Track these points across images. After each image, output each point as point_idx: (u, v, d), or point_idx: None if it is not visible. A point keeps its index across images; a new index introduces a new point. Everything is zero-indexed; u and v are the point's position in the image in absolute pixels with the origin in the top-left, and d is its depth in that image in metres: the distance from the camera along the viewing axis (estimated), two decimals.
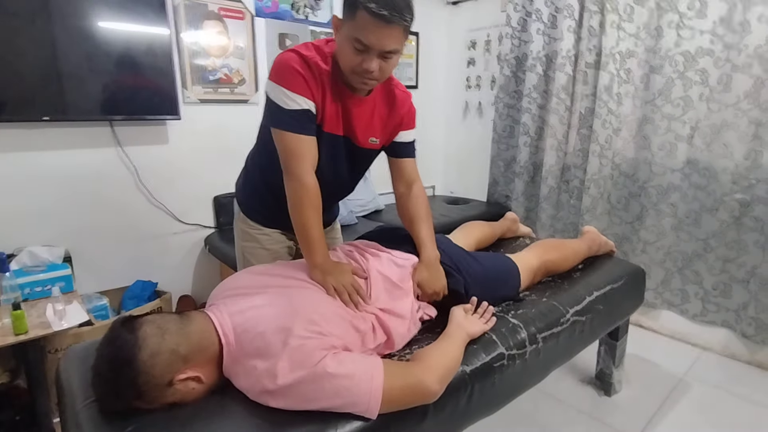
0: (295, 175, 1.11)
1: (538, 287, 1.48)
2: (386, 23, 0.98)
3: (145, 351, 0.83)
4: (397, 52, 1.05)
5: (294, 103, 1.08)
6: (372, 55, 1.02)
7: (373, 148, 1.27)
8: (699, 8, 1.96)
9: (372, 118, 1.22)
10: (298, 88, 1.08)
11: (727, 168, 1.97)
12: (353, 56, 1.03)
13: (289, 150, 1.11)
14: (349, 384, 0.85)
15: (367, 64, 1.03)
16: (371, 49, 1.01)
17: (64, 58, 1.80)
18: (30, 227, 1.87)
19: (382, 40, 1.00)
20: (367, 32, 0.99)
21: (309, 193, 1.12)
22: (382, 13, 0.96)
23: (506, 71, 2.72)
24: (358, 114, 1.19)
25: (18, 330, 1.37)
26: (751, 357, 2.04)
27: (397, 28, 1.00)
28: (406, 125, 1.29)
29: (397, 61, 1.09)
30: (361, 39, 1.00)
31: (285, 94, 1.08)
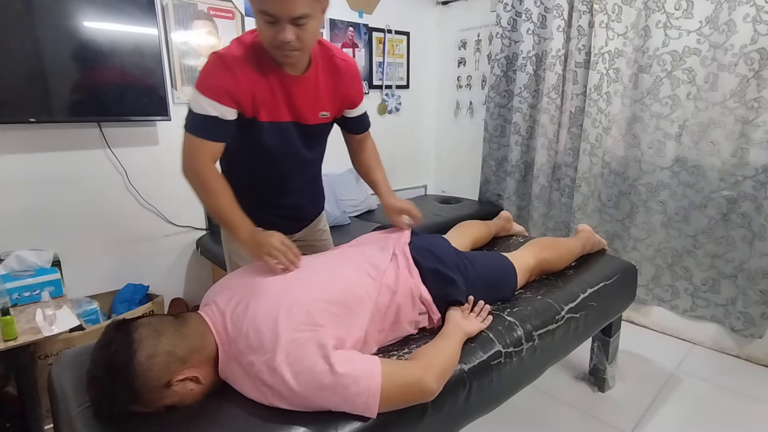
0: (192, 170, 1.12)
1: (533, 285, 1.49)
2: None
3: (142, 353, 0.82)
4: (308, 17, 1.01)
5: (201, 109, 1.08)
6: (283, 25, 1.00)
7: (324, 122, 1.27)
8: (686, 8, 1.99)
9: (317, 93, 1.21)
10: (211, 93, 1.07)
11: (715, 165, 2.00)
12: (267, 30, 1.02)
13: (188, 149, 1.12)
14: (348, 383, 0.85)
15: (282, 35, 1.01)
16: (280, 18, 0.99)
17: (51, 58, 1.76)
18: (17, 231, 1.84)
19: (287, 7, 0.98)
20: (269, 2, 0.98)
21: (209, 179, 1.13)
22: None
23: (497, 71, 2.73)
24: (301, 93, 1.18)
25: (7, 336, 1.34)
26: (739, 351, 2.07)
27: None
28: (353, 96, 1.30)
29: (316, 26, 1.06)
30: (266, 10, 0.99)
31: (197, 98, 1.08)
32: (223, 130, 1.12)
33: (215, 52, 1.10)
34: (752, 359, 2.04)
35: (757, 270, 1.92)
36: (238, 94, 1.09)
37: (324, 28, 2.65)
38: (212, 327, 0.94)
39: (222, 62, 1.08)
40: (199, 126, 1.09)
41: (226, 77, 1.07)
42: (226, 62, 1.08)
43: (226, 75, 1.07)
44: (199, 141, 1.10)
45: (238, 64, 1.08)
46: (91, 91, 1.89)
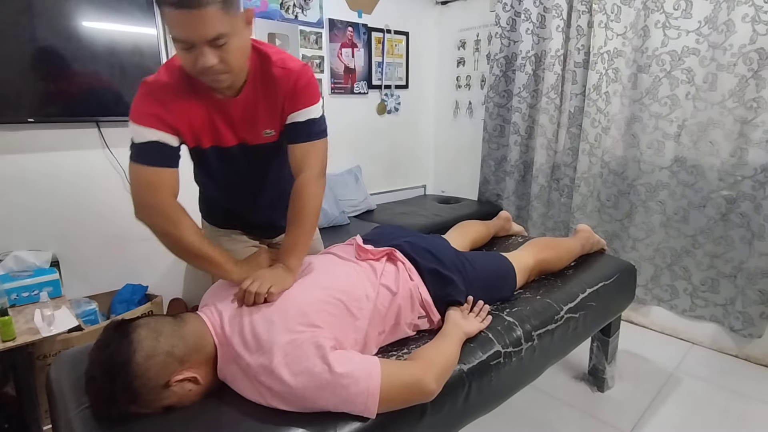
0: (152, 207, 1.02)
1: (532, 285, 1.49)
2: (188, 9, 0.86)
3: (141, 353, 0.82)
4: (227, 35, 0.91)
5: (142, 137, 1.02)
6: (200, 49, 0.91)
7: (269, 140, 1.15)
8: (685, 8, 1.99)
9: (255, 112, 1.10)
10: (145, 120, 1.01)
11: (714, 165, 2.00)
12: (186, 57, 0.94)
13: (138, 183, 1.03)
14: (347, 383, 0.85)
15: (202, 60, 0.92)
16: (195, 43, 0.90)
17: (50, 58, 1.76)
18: (16, 231, 1.83)
19: (197, 30, 0.88)
20: (177, 27, 0.89)
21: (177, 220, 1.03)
22: (173, 3, 0.86)
23: (496, 71, 2.73)
24: (240, 115, 1.10)
25: (5, 336, 1.34)
26: (738, 350, 2.08)
27: (207, 10, 0.86)
28: (292, 106, 1.10)
29: (241, 42, 0.97)
30: (176, 36, 0.90)
31: (133, 128, 1.03)
32: (170, 156, 1.04)
33: (144, 81, 1.02)
34: (751, 359, 2.04)
35: (756, 270, 1.93)
36: (172, 122, 1.03)
37: (323, 28, 2.66)
38: (211, 328, 0.94)
39: (150, 92, 1.01)
40: (144, 154, 1.02)
41: (155, 107, 1.01)
42: (153, 92, 1.01)
43: (155, 105, 1.01)
44: (150, 170, 1.02)
45: (168, 92, 1.01)
46: (89, 91, 1.89)
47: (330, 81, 2.74)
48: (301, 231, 1.11)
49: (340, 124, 2.66)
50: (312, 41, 2.62)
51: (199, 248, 1.05)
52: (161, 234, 1.05)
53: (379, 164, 3.11)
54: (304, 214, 1.11)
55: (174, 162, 1.06)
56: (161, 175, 1.03)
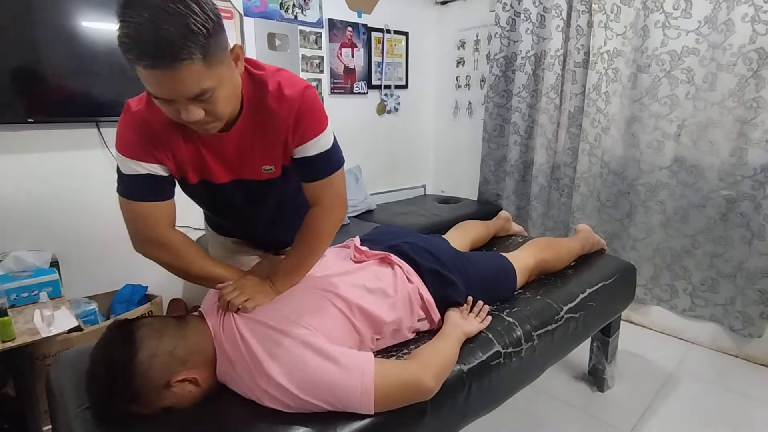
0: (150, 240, 1.00)
1: (532, 285, 1.49)
2: (165, 69, 0.73)
3: (143, 352, 0.82)
4: (210, 90, 0.79)
5: (131, 170, 0.94)
6: (184, 105, 0.79)
7: (270, 177, 1.03)
8: (684, 8, 1.99)
9: (252, 147, 0.98)
10: (132, 153, 0.93)
11: (714, 165, 2.00)
12: (168, 110, 0.82)
13: (133, 218, 0.98)
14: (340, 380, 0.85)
15: (186, 115, 0.80)
16: (175, 100, 0.79)
17: (49, 58, 1.76)
18: (15, 231, 1.83)
19: (177, 89, 0.76)
20: (151, 85, 0.77)
21: (177, 248, 1.01)
22: (145, 63, 0.73)
23: (496, 71, 2.73)
24: (232, 151, 0.98)
25: (5, 337, 1.34)
26: (738, 350, 2.08)
27: (185, 67, 0.73)
28: (297, 139, 0.97)
29: (228, 91, 0.84)
30: (152, 93, 0.79)
31: (121, 160, 0.95)
32: (163, 188, 0.98)
33: (128, 106, 0.94)
34: (751, 359, 2.04)
35: (756, 269, 1.93)
36: (156, 154, 0.94)
37: (323, 28, 2.65)
38: (212, 329, 0.94)
39: (133, 122, 0.92)
40: (135, 188, 0.95)
41: (140, 138, 0.92)
42: (136, 123, 0.92)
43: (139, 136, 0.92)
44: (143, 205, 0.96)
45: (151, 126, 0.91)
46: (89, 92, 1.89)
47: (329, 81, 2.74)
48: (304, 260, 1.07)
49: (339, 124, 2.64)
50: (311, 41, 2.62)
51: (208, 272, 1.04)
52: (166, 266, 1.04)
53: (379, 164, 3.11)
54: (310, 247, 1.07)
55: (168, 193, 0.99)
56: (157, 210, 0.98)
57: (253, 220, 1.18)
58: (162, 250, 1.01)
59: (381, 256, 1.23)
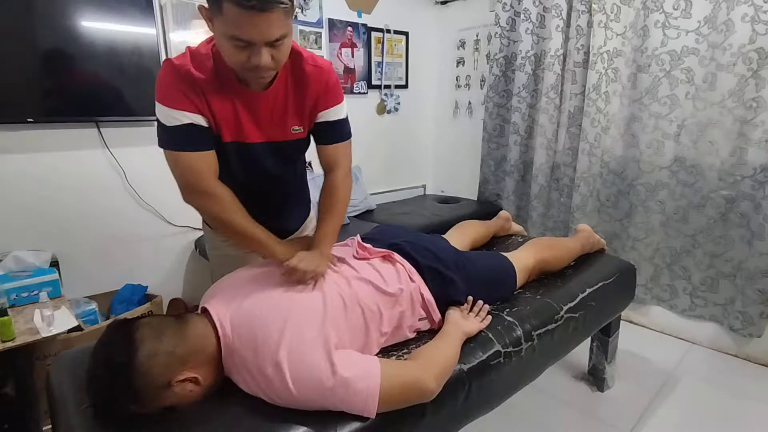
0: (199, 192, 1.04)
1: (532, 285, 1.49)
2: (262, 12, 0.84)
3: (143, 352, 0.82)
4: (285, 36, 0.91)
5: (174, 120, 0.99)
6: (258, 49, 0.89)
7: (298, 137, 1.15)
8: (684, 8, 1.99)
9: (285, 107, 1.09)
10: (176, 103, 0.98)
11: (714, 165, 2.01)
12: (237, 54, 0.91)
13: (181, 169, 1.02)
14: (347, 383, 0.85)
15: (256, 59, 0.90)
16: (255, 43, 0.88)
17: (49, 58, 1.76)
18: (15, 231, 1.83)
19: (263, 32, 0.87)
20: (242, 27, 0.86)
21: (224, 201, 1.05)
22: (252, 4, 0.83)
23: (496, 70, 2.73)
24: (267, 110, 1.07)
25: (5, 336, 1.34)
26: (738, 350, 2.08)
27: (277, 13, 0.86)
28: (324, 103, 1.12)
29: (290, 42, 0.97)
30: (239, 35, 0.87)
31: (163, 111, 0.99)
32: (207, 137, 1.03)
33: (169, 60, 1.00)
34: (751, 358, 2.04)
35: (756, 269, 1.93)
36: (199, 106, 1.00)
37: (323, 28, 2.65)
38: (217, 321, 0.94)
39: (177, 73, 0.98)
40: (180, 139, 1.00)
41: (185, 88, 0.98)
42: (181, 74, 0.98)
43: (184, 86, 0.98)
44: (190, 155, 1.01)
45: (195, 79, 0.98)
46: (89, 91, 1.89)
47: None
48: (334, 222, 1.18)
49: None
50: (311, 41, 2.62)
51: (248, 229, 1.08)
52: (212, 217, 1.08)
53: (379, 164, 3.11)
54: (337, 209, 1.18)
55: (211, 143, 1.04)
56: (203, 159, 1.03)
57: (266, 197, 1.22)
58: (210, 200, 1.05)
59: (384, 253, 1.23)
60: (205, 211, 1.08)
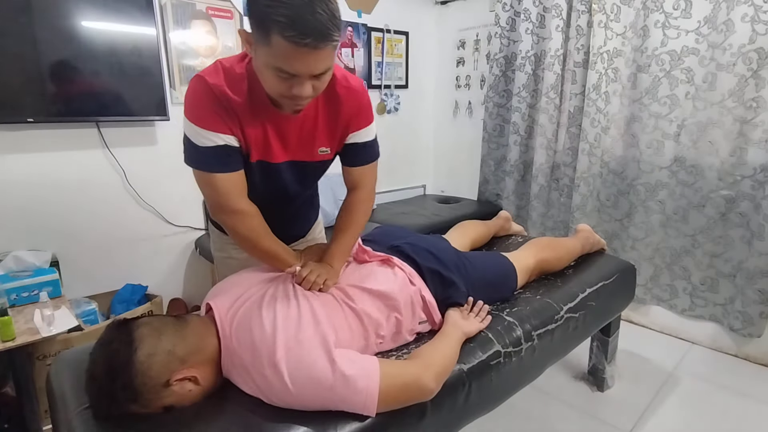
0: (230, 211, 1.05)
1: (532, 285, 1.49)
2: (314, 49, 0.84)
3: (142, 352, 0.82)
4: (329, 69, 0.91)
5: (208, 141, 0.98)
6: (302, 81, 0.89)
7: (324, 158, 1.15)
8: (684, 8, 1.99)
9: (315, 129, 1.09)
10: (210, 124, 0.97)
11: (713, 165, 2.01)
12: (279, 84, 0.89)
13: (213, 190, 1.02)
14: (346, 382, 0.85)
15: (298, 90, 0.89)
16: (300, 75, 0.87)
17: (49, 58, 1.76)
18: (15, 231, 1.83)
19: (310, 67, 0.87)
20: (290, 61, 0.85)
21: (250, 219, 1.07)
22: (306, 42, 0.81)
23: (496, 70, 2.73)
24: (297, 132, 1.07)
25: (5, 336, 1.34)
26: (738, 350, 2.08)
27: (326, 49, 0.85)
28: (356, 125, 1.13)
29: (332, 72, 0.95)
30: (285, 68, 0.86)
31: (196, 131, 0.98)
32: (237, 157, 1.03)
33: (201, 78, 0.97)
34: (751, 358, 2.04)
35: (756, 269, 1.93)
36: (233, 128, 1.00)
37: None
38: (218, 320, 0.94)
39: (211, 93, 0.96)
40: (212, 160, 0.99)
41: (218, 108, 0.97)
42: (215, 94, 0.96)
43: (218, 106, 0.97)
44: (223, 177, 1.01)
45: (228, 100, 0.97)
46: (89, 91, 1.89)
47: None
48: (349, 240, 1.19)
49: None
50: None
51: (272, 248, 1.11)
52: (239, 237, 1.10)
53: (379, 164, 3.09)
54: (353, 228, 1.19)
55: (241, 162, 1.04)
56: (233, 179, 1.03)
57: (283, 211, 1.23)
58: (238, 219, 1.06)
59: (383, 258, 1.23)
60: (232, 229, 1.09)
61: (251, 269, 1.15)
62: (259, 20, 0.84)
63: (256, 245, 1.10)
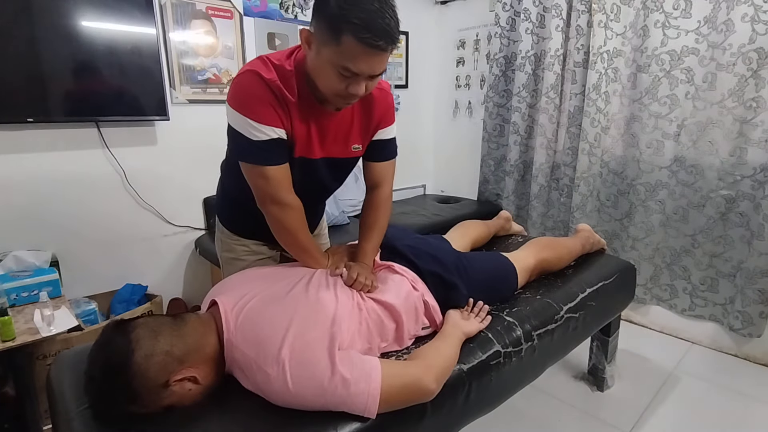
0: (279, 203, 1.09)
1: (532, 285, 1.49)
2: (381, 51, 0.91)
3: (139, 353, 0.82)
4: (385, 71, 0.98)
5: (262, 134, 1.01)
6: (361, 80, 0.95)
7: (356, 155, 1.21)
8: (684, 8, 1.99)
9: (351, 127, 1.15)
10: (265, 118, 1.00)
11: (713, 165, 2.01)
12: (338, 82, 0.95)
13: (267, 182, 1.06)
14: (347, 384, 0.85)
15: (354, 89, 0.96)
16: (361, 74, 0.94)
17: (48, 58, 1.76)
18: (15, 231, 1.83)
19: (374, 67, 0.94)
20: (358, 61, 0.91)
21: (295, 212, 1.12)
22: (379, 44, 0.89)
23: (496, 70, 2.73)
24: (335, 129, 1.12)
25: (5, 336, 1.34)
26: (738, 350, 2.08)
27: (389, 52, 0.93)
28: (384, 123, 1.20)
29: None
30: (351, 68, 0.92)
31: (250, 125, 1.00)
32: (285, 150, 1.07)
33: (255, 72, 0.99)
34: (750, 358, 2.04)
35: (756, 269, 1.93)
36: (285, 122, 1.04)
37: None
38: (223, 315, 0.94)
39: (267, 87, 0.99)
40: (266, 154, 1.03)
41: (274, 101, 1.00)
42: (271, 89, 1.00)
43: (274, 101, 1.00)
44: (273, 169, 1.05)
45: (281, 93, 1.01)
46: (89, 91, 1.89)
47: None
48: (377, 238, 1.26)
49: None
50: None
51: (306, 243, 1.17)
52: (282, 228, 1.13)
53: None
54: (380, 225, 1.26)
55: (287, 155, 1.08)
56: (283, 171, 1.07)
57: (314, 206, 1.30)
58: (285, 211, 1.11)
59: (384, 266, 1.24)
60: (277, 219, 1.12)
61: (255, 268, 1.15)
62: (330, 21, 0.90)
63: (296, 238, 1.15)
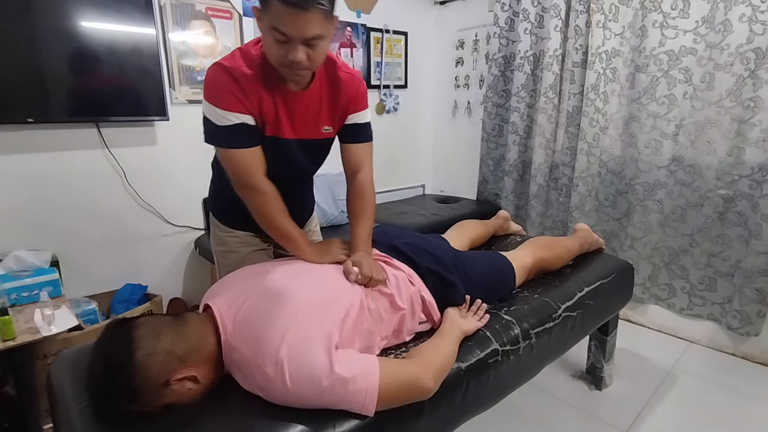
0: (249, 186, 1.13)
1: (530, 284, 1.50)
2: (301, 10, 0.94)
3: (141, 352, 0.82)
4: (321, 38, 1.01)
5: (226, 120, 1.07)
6: (295, 45, 0.99)
7: (327, 136, 1.26)
8: (682, 8, 2.00)
9: (320, 108, 1.20)
10: (228, 105, 1.07)
11: (711, 164, 2.01)
12: (277, 48, 1.01)
13: (234, 165, 1.12)
14: (346, 382, 0.86)
15: (293, 54, 1.00)
16: (293, 38, 0.98)
17: (49, 58, 1.76)
18: (15, 231, 1.84)
19: (301, 28, 0.97)
20: (283, 22, 0.96)
21: (270, 199, 1.15)
22: (297, 2, 0.93)
23: (494, 70, 2.74)
24: (303, 109, 1.17)
25: (5, 336, 1.34)
26: (736, 349, 2.09)
27: (316, 13, 0.96)
28: (354, 107, 1.24)
29: (327, 46, 1.06)
30: (279, 28, 0.97)
31: (216, 112, 1.07)
32: (255, 134, 1.12)
33: (219, 63, 1.08)
34: (748, 357, 2.05)
35: (753, 268, 1.93)
36: (249, 104, 1.09)
37: None
38: (218, 318, 0.94)
39: (229, 74, 1.06)
40: (232, 137, 1.09)
41: (235, 89, 1.06)
42: (232, 76, 1.06)
43: (235, 87, 1.06)
44: (242, 152, 1.11)
45: (245, 78, 1.07)
46: (88, 92, 1.89)
47: None
48: (368, 224, 1.28)
49: None
50: None
51: (285, 228, 1.18)
52: (258, 211, 1.17)
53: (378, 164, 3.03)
54: (368, 211, 1.28)
55: (258, 139, 1.13)
56: (251, 155, 1.12)
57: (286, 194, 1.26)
58: (257, 195, 1.14)
59: (383, 258, 1.23)
60: (251, 203, 1.16)
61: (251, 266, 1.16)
62: None
63: (274, 223, 1.17)
